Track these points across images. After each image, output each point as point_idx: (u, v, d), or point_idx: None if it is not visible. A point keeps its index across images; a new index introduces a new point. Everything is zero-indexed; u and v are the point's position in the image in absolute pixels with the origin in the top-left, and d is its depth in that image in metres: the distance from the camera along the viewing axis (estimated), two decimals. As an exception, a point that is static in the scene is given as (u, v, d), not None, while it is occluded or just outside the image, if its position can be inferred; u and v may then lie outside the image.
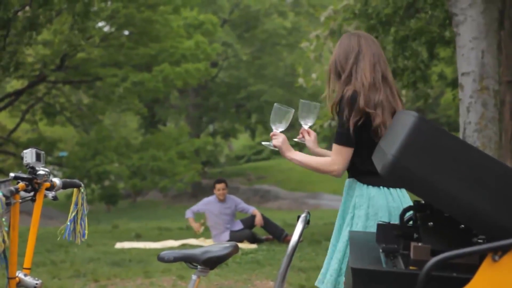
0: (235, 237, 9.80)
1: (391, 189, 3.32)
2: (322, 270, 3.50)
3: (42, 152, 2.85)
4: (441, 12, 10.00)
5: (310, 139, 3.55)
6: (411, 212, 2.59)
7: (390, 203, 3.29)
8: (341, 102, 3.30)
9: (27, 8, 14.71)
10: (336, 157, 3.29)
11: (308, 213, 2.93)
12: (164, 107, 36.12)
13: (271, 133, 3.43)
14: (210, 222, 10.30)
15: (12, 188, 2.57)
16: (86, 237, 3.10)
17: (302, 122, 3.51)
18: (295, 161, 3.38)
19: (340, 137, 3.28)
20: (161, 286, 6.54)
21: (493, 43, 7.46)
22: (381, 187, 3.31)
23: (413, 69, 10.75)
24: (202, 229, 10.47)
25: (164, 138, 24.68)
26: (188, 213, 10.43)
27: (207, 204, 10.27)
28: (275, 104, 3.43)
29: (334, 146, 3.32)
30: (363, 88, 3.26)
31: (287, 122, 3.41)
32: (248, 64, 34.55)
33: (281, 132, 3.41)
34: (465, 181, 2.01)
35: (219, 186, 10.24)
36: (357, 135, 3.25)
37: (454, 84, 12.00)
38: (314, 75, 12.52)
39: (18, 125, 24.51)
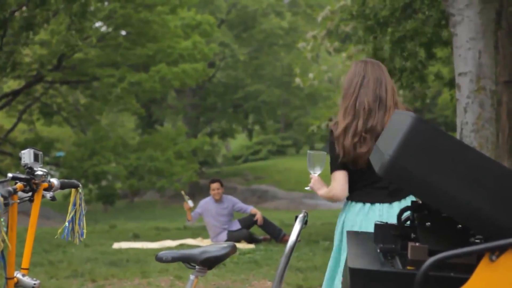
0: (233, 237, 9.79)
1: (355, 203, 3.56)
2: None
3: (40, 153, 2.86)
4: (437, 13, 10.01)
5: (315, 185, 3.70)
6: (408, 212, 2.59)
7: (345, 213, 3.60)
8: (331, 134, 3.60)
9: (24, 8, 14.71)
10: (332, 183, 3.57)
11: (306, 213, 2.94)
12: (162, 107, 36.13)
13: (310, 177, 3.68)
14: (208, 225, 10.28)
15: (10, 188, 2.57)
16: (84, 236, 3.11)
17: (311, 171, 3.67)
18: (323, 197, 3.67)
19: (331, 165, 3.57)
20: (158, 286, 6.54)
21: (490, 43, 7.49)
22: (348, 200, 3.61)
23: (411, 70, 10.77)
24: (190, 202, 10.23)
25: (161, 138, 24.68)
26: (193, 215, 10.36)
27: (204, 205, 10.25)
28: (308, 151, 3.68)
29: (331, 174, 3.61)
30: (363, 112, 3.46)
31: (322, 165, 3.64)
32: (246, 64, 34.58)
33: (317, 174, 3.65)
34: (463, 181, 2.02)
35: (214, 185, 10.23)
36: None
37: (452, 84, 12.01)
38: (311, 75, 12.55)
39: (15, 125, 24.49)
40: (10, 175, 2.72)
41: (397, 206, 3.48)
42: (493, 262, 1.95)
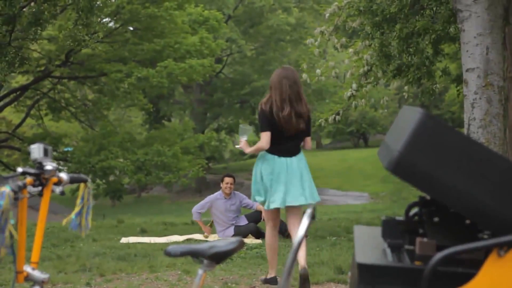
0: (240, 232, 9.81)
1: (268, 155, 5.98)
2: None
3: (50, 147, 2.87)
4: (445, 10, 9.98)
5: (243, 146, 6.31)
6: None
7: (262, 159, 6.06)
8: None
9: (32, 3, 14.75)
10: (261, 138, 5.96)
11: (314, 208, 2.95)
12: (169, 103, 36.14)
13: (240, 141, 6.36)
14: (216, 219, 10.29)
15: (20, 183, 2.58)
16: (90, 226, 3.11)
17: (240, 137, 6.38)
18: (250, 152, 6.17)
19: (260, 126, 5.93)
20: (166, 281, 6.57)
21: (498, 39, 7.46)
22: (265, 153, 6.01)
23: (418, 66, 10.73)
24: (210, 230, 10.37)
25: (168, 134, 24.67)
26: (196, 216, 10.35)
27: (213, 201, 10.25)
28: (240, 125, 6.37)
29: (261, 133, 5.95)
30: (289, 102, 5.86)
31: (248, 134, 6.33)
32: (253, 60, 34.55)
33: (245, 140, 6.32)
34: (471, 176, 2.02)
35: (228, 179, 10.24)
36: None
37: (459, 80, 11.97)
38: (318, 71, 12.49)
39: (23, 120, 24.55)
40: (19, 169, 2.73)
41: (295, 159, 5.95)
42: (502, 257, 1.96)
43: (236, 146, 5.97)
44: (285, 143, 5.93)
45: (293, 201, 5.94)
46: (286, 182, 5.91)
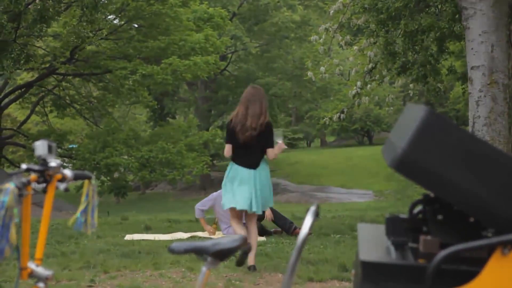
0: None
1: (234, 165, 6.93)
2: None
3: (54, 144, 2.86)
4: (450, 8, 9.96)
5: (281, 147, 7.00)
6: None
7: (231, 167, 7.00)
8: None
9: (37, 1, 14.77)
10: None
11: (318, 206, 2.95)
12: (173, 100, 36.15)
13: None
14: (220, 216, 10.28)
15: (24, 179, 2.58)
16: (95, 227, 3.11)
17: (275, 140, 6.92)
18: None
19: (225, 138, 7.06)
20: (170, 278, 6.57)
21: (503, 37, 7.44)
22: (232, 162, 6.96)
23: (422, 63, 10.72)
24: (215, 231, 10.35)
25: (173, 131, 24.69)
26: (198, 213, 10.34)
27: (217, 198, 10.24)
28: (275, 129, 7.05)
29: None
30: (252, 117, 6.85)
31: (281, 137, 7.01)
32: (257, 57, 34.52)
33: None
34: (475, 174, 2.02)
35: None
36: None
37: (464, 78, 11.95)
38: (322, 68, 12.47)
39: (28, 117, 24.61)
40: (24, 166, 2.72)
41: (255, 171, 6.77)
42: (506, 256, 1.95)
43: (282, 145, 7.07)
44: (247, 156, 6.86)
45: (239, 206, 6.85)
46: (242, 189, 6.81)
